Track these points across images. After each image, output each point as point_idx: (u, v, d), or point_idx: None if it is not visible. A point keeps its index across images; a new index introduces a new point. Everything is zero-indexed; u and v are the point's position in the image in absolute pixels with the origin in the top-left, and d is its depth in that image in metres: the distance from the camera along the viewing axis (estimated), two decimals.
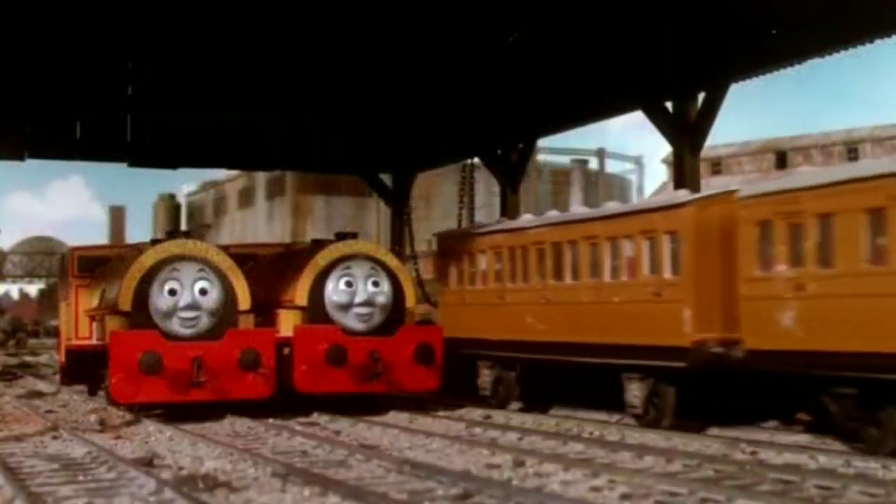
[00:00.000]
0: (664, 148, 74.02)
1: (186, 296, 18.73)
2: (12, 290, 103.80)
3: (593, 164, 73.20)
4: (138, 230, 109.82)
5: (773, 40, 19.20)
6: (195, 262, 19.11)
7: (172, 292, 18.72)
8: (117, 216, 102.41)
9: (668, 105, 21.86)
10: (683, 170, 21.41)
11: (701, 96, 21.20)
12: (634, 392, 17.03)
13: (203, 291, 18.87)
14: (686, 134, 21.39)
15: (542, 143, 41.17)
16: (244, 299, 19.39)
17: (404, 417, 18.96)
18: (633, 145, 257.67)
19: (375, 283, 20.35)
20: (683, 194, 17.54)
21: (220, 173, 70.58)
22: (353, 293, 20.20)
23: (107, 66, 27.52)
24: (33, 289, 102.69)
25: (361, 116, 30.41)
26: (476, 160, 31.72)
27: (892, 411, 13.03)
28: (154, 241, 20.18)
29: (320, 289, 20.28)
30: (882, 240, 12.88)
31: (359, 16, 24.15)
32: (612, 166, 75.33)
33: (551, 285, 19.24)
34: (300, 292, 20.32)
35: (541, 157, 64.12)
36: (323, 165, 36.30)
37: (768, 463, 12.72)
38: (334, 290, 20.26)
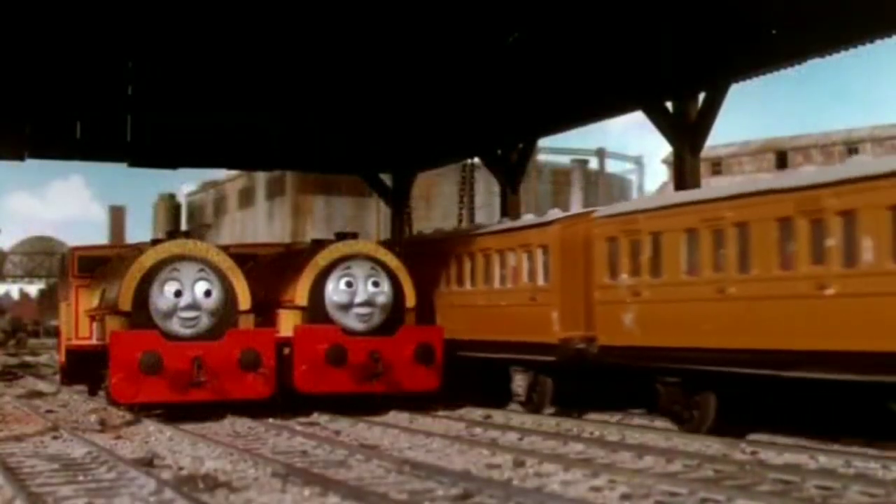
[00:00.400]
0: (664, 148, 74.14)
1: (187, 296, 18.73)
2: (12, 290, 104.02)
3: (593, 164, 73.24)
4: (138, 230, 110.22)
5: (773, 40, 19.19)
6: (195, 262, 19.11)
7: (173, 292, 18.72)
8: (117, 216, 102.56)
9: (668, 105, 21.87)
10: (683, 170, 21.42)
11: (701, 96, 21.20)
12: (519, 382, 19.88)
13: (203, 292, 18.87)
14: (686, 134, 21.39)
15: (542, 143, 41.18)
16: (244, 299, 19.39)
17: (404, 417, 18.96)
18: (633, 145, 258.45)
19: (375, 283, 20.36)
20: (553, 213, 20.32)
21: (220, 173, 70.59)
22: (354, 293, 20.21)
23: (107, 66, 27.51)
24: (33, 289, 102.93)
25: (361, 116, 30.39)
26: (476, 160, 31.73)
27: (707, 396, 15.81)
28: (154, 241, 20.19)
29: (320, 289, 20.29)
30: (696, 255, 15.66)
31: (359, 16, 24.15)
32: (612, 166, 75.42)
33: (455, 291, 22.13)
34: (300, 292, 20.33)
35: (541, 157, 64.10)
36: (323, 165, 36.29)
37: (768, 463, 12.72)
38: (334, 290, 20.26)
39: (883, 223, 12.90)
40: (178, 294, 18.75)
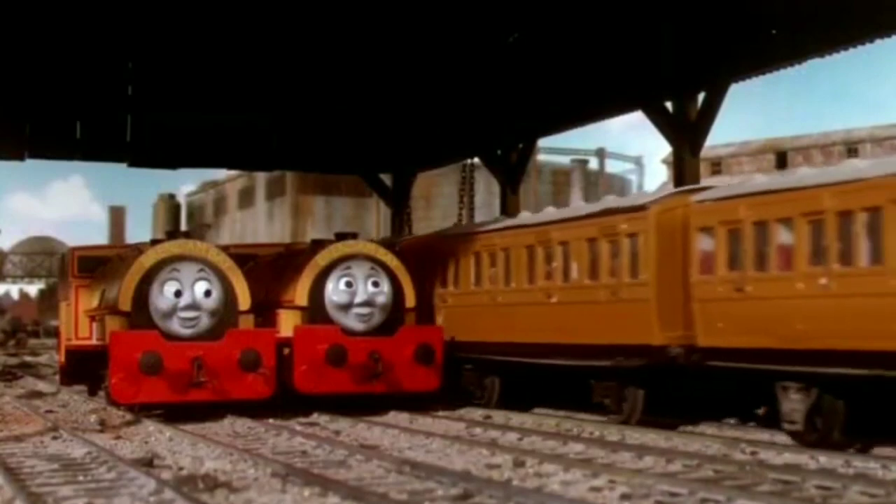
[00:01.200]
0: (664, 148, 74.04)
1: (186, 296, 18.71)
2: (12, 290, 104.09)
3: (593, 164, 73.28)
4: (138, 230, 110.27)
5: (773, 40, 19.20)
6: (195, 262, 19.10)
7: (172, 293, 18.71)
8: (117, 216, 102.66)
9: (668, 105, 21.87)
10: (683, 170, 21.43)
11: (701, 96, 21.20)
12: None
13: (203, 292, 18.86)
14: (686, 134, 21.40)
15: (542, 143, 41.20)
16: (244, 299, 19.38)
17: (404, 417, 18.96)
18: (633, 145, 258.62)
19: (375, 284, 20.36)
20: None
21: (220, 173, 70.69)
22: (353, 293, 20.20)
23: (107, 66, 27.51)
24: (33, 289, 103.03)
25: (361, 116, 30.40)
26: (476, 160, 31.74)
27: (493, 379, 20.69)
28: (154, 242, 20.17)
29: (320, 289, 20.28)
30: (480, 272, 20.88)
31: (358, 16, 24.15)
32: (612, 166, 75.47)
33: None
34: (300, 292, 20.32)
35: (541, 157, 64.12)
36: (323, 165, 36.30)
37: (768, 463, 12.72)
38: (334, 290, 20.26)
39: (584, 251, 17.89)
40: (177, 294, 18.73)
